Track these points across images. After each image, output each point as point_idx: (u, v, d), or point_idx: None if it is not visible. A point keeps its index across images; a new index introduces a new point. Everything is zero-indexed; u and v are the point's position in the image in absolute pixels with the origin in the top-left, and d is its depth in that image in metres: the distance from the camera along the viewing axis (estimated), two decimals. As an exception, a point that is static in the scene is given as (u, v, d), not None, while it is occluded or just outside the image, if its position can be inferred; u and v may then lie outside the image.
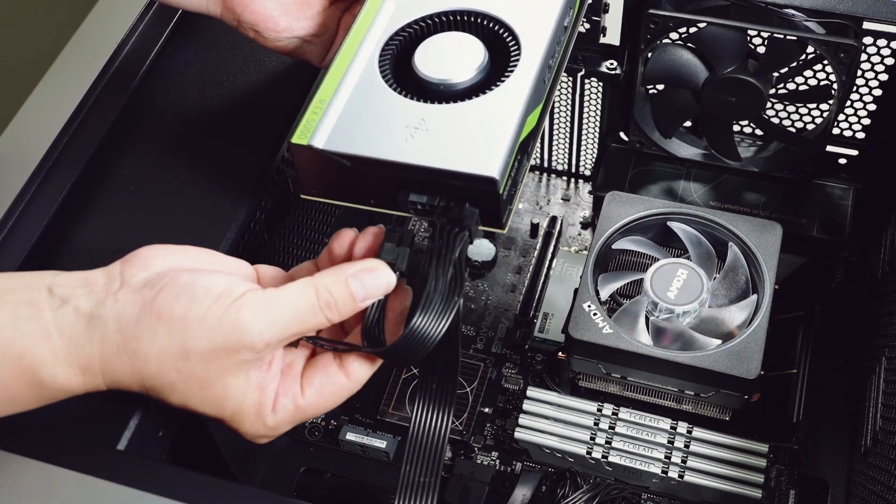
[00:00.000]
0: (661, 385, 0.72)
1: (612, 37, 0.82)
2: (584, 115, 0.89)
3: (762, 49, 0.76)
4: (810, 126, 0.83)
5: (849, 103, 0.79)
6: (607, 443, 0.73)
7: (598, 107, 0.88)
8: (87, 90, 0.71)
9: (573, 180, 0.97)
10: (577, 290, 0.72)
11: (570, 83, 0.87)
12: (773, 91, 0.78)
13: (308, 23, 0.62)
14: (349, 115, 0.53)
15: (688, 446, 0.72)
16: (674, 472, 0.71)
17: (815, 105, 0.81)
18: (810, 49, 0.75)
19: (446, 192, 0.51)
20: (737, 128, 0.86)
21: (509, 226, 0.54)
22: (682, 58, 0.77)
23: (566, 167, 0.96)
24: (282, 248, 0.74)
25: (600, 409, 0.74)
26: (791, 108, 0.83)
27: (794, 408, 0.73)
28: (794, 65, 0.77)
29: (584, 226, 0.93)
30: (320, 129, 0.52)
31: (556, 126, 0.92)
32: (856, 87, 0.78)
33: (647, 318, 0.71)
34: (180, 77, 0.73)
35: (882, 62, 0.75)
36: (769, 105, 0.81)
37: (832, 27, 0.73)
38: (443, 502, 0.76)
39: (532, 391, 0.76)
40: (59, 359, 0.48)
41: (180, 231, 0.65)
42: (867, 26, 0.73)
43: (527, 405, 0.75)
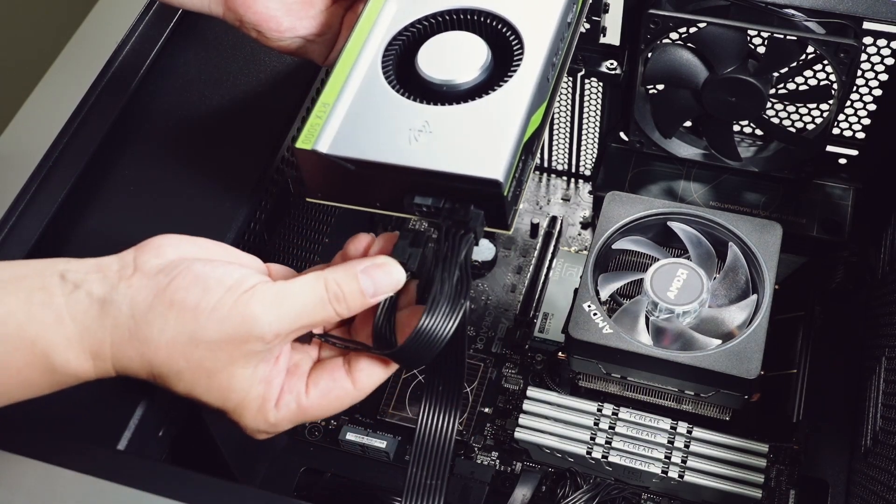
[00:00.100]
0: (661, 385, 0.72)
1: (612, 37, 0.82)
2: (584, 115, 0.89)
3: (762, 49, 0.76)
4: (810, 126, 0.83)
5: (849, 103, 0.79)
6: (607, 443, 0.73)
7: (598, 107, 0.88)
8: (87, 90, 0.71)
9: (573, 180, 0.97)
10: (577, 290, 0.72)
11: (570, 83, 0.87)
12: (773, 91, 0.78)
13: (311, 22, 0.61)
14: (353, 118, 0.53)
15: (688, 446, 0.72)
16: (674, 472, 0.71)
17: (815, 105, 0.81)
18: (810, 49, 0.75)
19: (451, 195, 0.51)
20: (737, 128, 0.86)
21: (509, 226, 0.54)
22: (682, 58, 0.77)
23: (566, 167, 0.96)
24: (282, 248, 0.74)
25: (600, 409, 0.74)
26: (791, 108, 0.83)
27: (794, 408, 0.73)
28: (794, 65, 0.77)
29: (584, 226, 0.93)
30: (324, 133, 0.52)
31: (556, 126, 0.92)
32: (856, 87, 0.78)
33: (647, 318, 0.71)
34: (180, 77, 0.73)
35: (882, 62, 0.75)
36: (769, 105, 0.81)
37: (832, 27, 0.73)
38: (444, 502, 0.76)
39: (532, 391, 0.76)
40: (72, 343, 0.48)
41: (180, 231, 0.65)
42: (867, 26, 0.73)
43: (527, 405, 0.75)
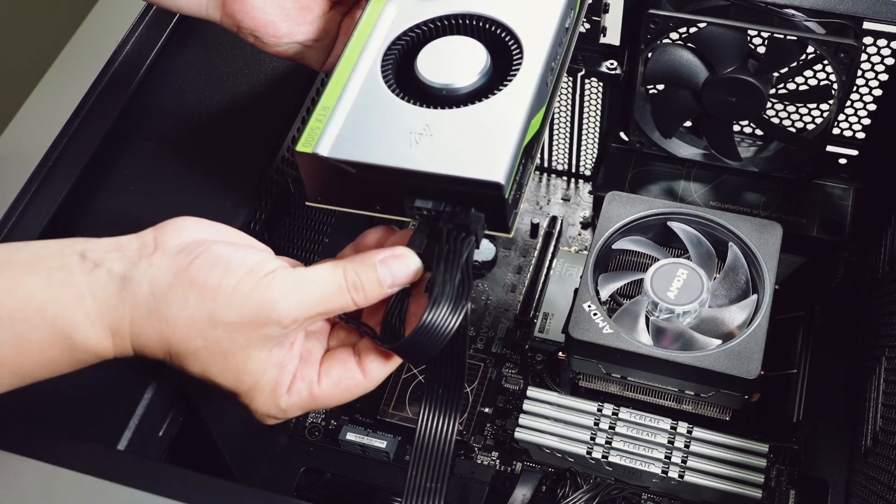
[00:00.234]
0: (662, 385, 0.72)
1: (612, 37, 0.82)
2: (584, 115, 0.89)
3: (762, 49, 0.76)
4: (810, 126, 0.83)
5: (849, 103, 0.79)
6: (607, 443, 0.73)
7: (598, 107, 0.88)
8: (87, 90, 0.71)
9: (573, 180, 0.97)
10: (577, 290, 0.72)
11: (570, 83, 0.86)
12: (773, 91, 0.78)
13: (308, 27, 0.61)
14: (353, 122, 0.53)
15: (688, 446, 0.72)
16: (674, 472, 0.71)
17: (815, 105, 0.81)
18: (810, 49, 0.75)
19: (452, 198, 0.51)
20: (737, 128, 0.86)
21: (510, 226, 0.54)
22: (682, 58, 0.77)
23: (566, 167, 0.96)
24: (282, 248, 0.74)
25: (600, 409, 0.74)
26: (791, 108, 0.83)
27: (794, 408, 0.73)
28: (794, 65, 0.77)
29: (584, 226, 0.93)
30: (325, 136, 0.52)
31: (556, 126, 0.92)
32: (856, 87, 0.78)
33: (647, 318, 0.71)
34: (180, 77, 0.73)
35: (882, 62, 0.75)
36: (769, 105, 0.81)
37: (832, 27, 0.73)
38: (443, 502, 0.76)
39: (532, 391, 0.76)
40: (92, 321, 0.48)
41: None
42: (867, 26, 0.73)
43: (527, 405, 0.75)
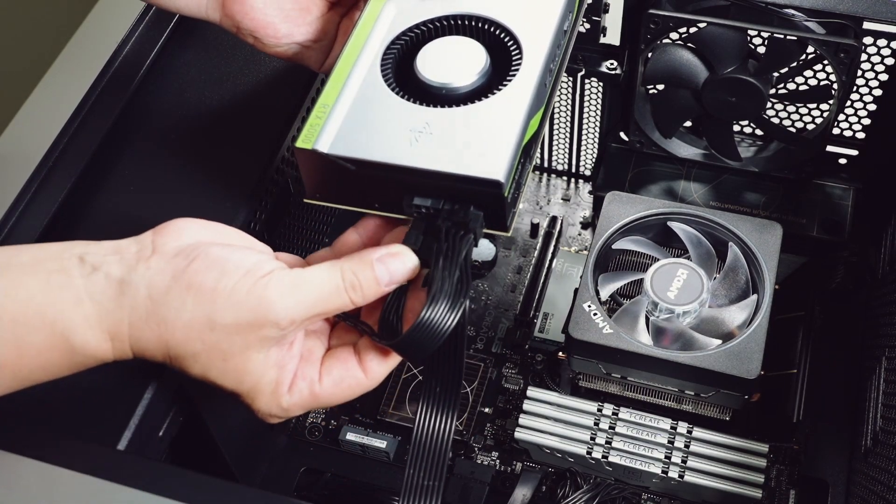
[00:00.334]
0: (662, 385, 0.72)
1: (612, 37, 0.82)
2: (584, 115, 0.89)
3: (762, 49, 0.76)
4: (810, 126, 0.83)
5: (849, 103, 0.79)
6: (607, 443, 0.73)
7: (598, 107, 0.88)
8: (86, 91, 0.71)
9: (573, 180, 0.96)
10: (577, 290, 0.72)
11: (570, 83, 0.86)
12: (773, 91, 0.78)
13: (307, 28, 0.61)
14: (353, 119, 0.53)
15: (688, 446, 0.72)
16: (674, 473, 0.71)
17: (815, 105, 0.81)
18: (810, 49, 0.75)
19: (451, 196, 0.51)
20: (737, 128, 0.86)
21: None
22: (682, 58, 0.77)
23: (566, 167, 0.96)
24: (281, 249, 0.74)
25: (600, 409, 0.74)
26: (791, 108, 0.82)
27: (794, 408, 0.73)
28: (794, 65, 0.77)
29: (584, 226, 0.93)
30: (324, 133, 0.52)
31: (556, 126, 0.92)
32: (856, 87, 0.78)
33: (647, 318, 0.71)
34: (180, 78, 0.73)
35: (882, 62, 0.75)
36: (769, 105, 0.81)
37: (832, 27, 0.73)
38: (443, 502, 0.76)
39: (532, 391, 0.76)
40: (91, 324, 0.48)
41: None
42: (867, 26, 0.73)
43: (527, 405, 0.75)
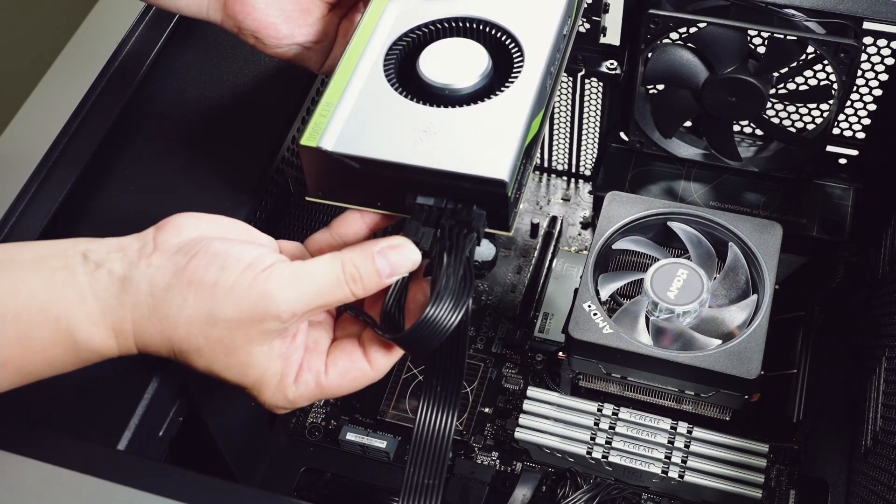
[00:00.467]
0: (662, 385, 0.72)
1: (612, 37, 0.82)
2: (584, 115, 0.89)
3: (762, 49, 0.76)
4: (810, 126, 0.83)
5: (849, 103, 0.79)
6: (607, 443, 0.73)
7: (598, 107, 0.88)
8: (87, 91, 0.71)
9: (573, 180, 0.97)
10: (577, 290, 0.72)
11: (570, 83, 0.86)
12: (773, 91, 0.78)
13: (308, 29, 0.62)
14: (357, 118, 0.53)
15: (688, 446, 0.72)
16: (674, 473, 0.71)
17: (815, 105, 0.81)
18: (810, 49, 0.75)
19: (454, 195, 0.51)
20: (737, 128, 0.86)
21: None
22: (682, 58, 0.77)
23: (566, 167, 0.96)
24: (282, 248, 0.74)
25: (600, 409, 0.74)
26: (791, 108, 0.82)
27: (794, 408, 0.73)
28: (794, 65, 0.77)
29: (584, 226, 0.93)
30: (329, 131, 0.52)
31: (556, 126, 0.92)
32: (856, 87, 0.78)
33: (648, 318, 0.71)
34: (180, 77, 0.73)
35: (882, 62, 0.75)
36: (769, 105, 0.81)
37: (832, 27, 0.73)
38: (443, 502, 0.76)
39: (532, 391, 0.76)
40: (95, 321, 0.49)
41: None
42: (867, 26, 0.73)
43: (527, 405, 0.75)
